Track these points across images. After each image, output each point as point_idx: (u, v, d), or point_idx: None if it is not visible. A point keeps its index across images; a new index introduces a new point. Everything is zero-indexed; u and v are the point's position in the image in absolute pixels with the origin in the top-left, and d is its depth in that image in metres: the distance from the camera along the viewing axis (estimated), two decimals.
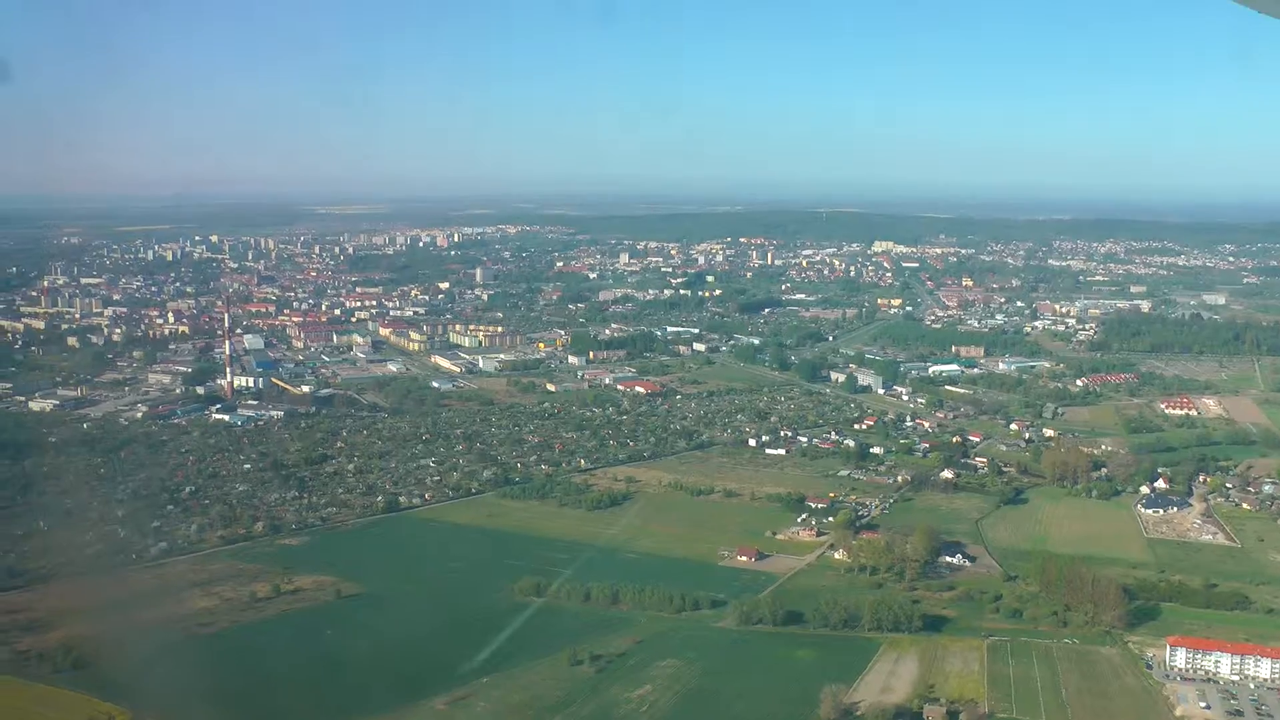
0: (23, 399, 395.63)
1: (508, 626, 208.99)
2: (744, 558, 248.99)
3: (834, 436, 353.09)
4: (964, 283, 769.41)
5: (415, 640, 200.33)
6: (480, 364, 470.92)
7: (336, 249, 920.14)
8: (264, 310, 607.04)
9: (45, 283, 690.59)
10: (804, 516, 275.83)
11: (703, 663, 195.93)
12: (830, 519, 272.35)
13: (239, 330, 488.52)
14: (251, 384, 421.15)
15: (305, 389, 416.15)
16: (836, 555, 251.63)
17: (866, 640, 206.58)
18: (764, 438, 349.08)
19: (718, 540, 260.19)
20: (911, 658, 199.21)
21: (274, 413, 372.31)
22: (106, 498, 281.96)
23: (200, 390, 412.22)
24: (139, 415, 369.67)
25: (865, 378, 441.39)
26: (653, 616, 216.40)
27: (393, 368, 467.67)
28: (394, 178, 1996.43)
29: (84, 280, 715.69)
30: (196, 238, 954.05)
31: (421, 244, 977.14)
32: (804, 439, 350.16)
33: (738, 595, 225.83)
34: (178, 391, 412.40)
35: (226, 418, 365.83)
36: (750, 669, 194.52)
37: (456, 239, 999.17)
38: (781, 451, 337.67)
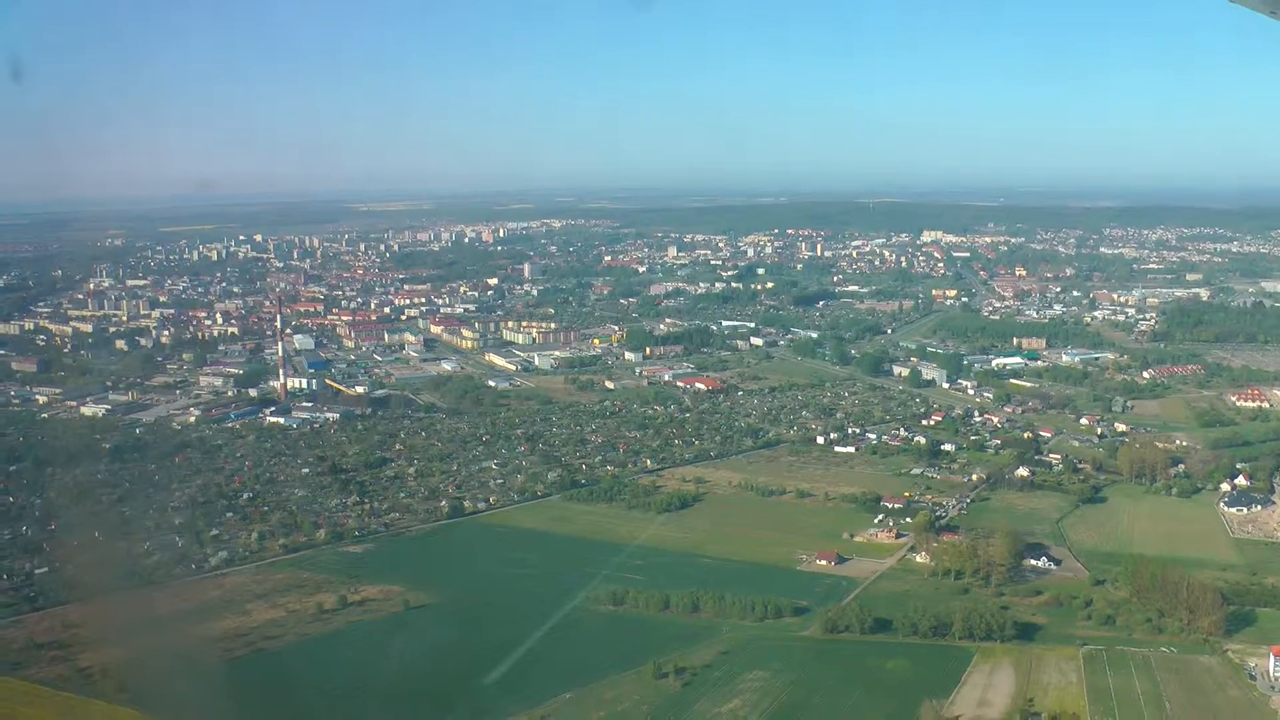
0: (74, 404, 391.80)
1: (586, 638, 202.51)
2: (823, 561, 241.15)
3: (903, 433, 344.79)
4: (1017, 272, 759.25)
5: (490, 653, 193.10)
6: (536, 361, 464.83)
7: (382, 246, 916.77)
8: (312, 310, 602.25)
9: (91, 285, 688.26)
10: (881, 517, 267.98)
11: (791, 674, 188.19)
12: (908, 520, 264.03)
13: (288, 330, 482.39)
14: (304, 385, 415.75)
15: (359, 390, 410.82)
16: (918, 558, 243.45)
17: (958, 649, 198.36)
18: (832, 435, 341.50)
19: (794, 543, 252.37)
20: (1006, 668, 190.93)
21: (329, 415, 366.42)
22: (163, 505, 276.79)
23: (253, 392, 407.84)
24: (192, 419, 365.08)
25: (929, 371, 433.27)
26: (735, 625, 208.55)
27: (447, 366, 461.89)
28: (432, 174, 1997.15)
29: (130, 282, 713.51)
30: (240, 238, 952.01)
31: (466, 240, 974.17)
32: (872, 436, 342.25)
33: (821, 601, 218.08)
34: (230, 394, 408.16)
35: (281, 420, 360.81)
36: (841, 681, 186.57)
37: (501, 234, 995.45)
38: (851, 449, 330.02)
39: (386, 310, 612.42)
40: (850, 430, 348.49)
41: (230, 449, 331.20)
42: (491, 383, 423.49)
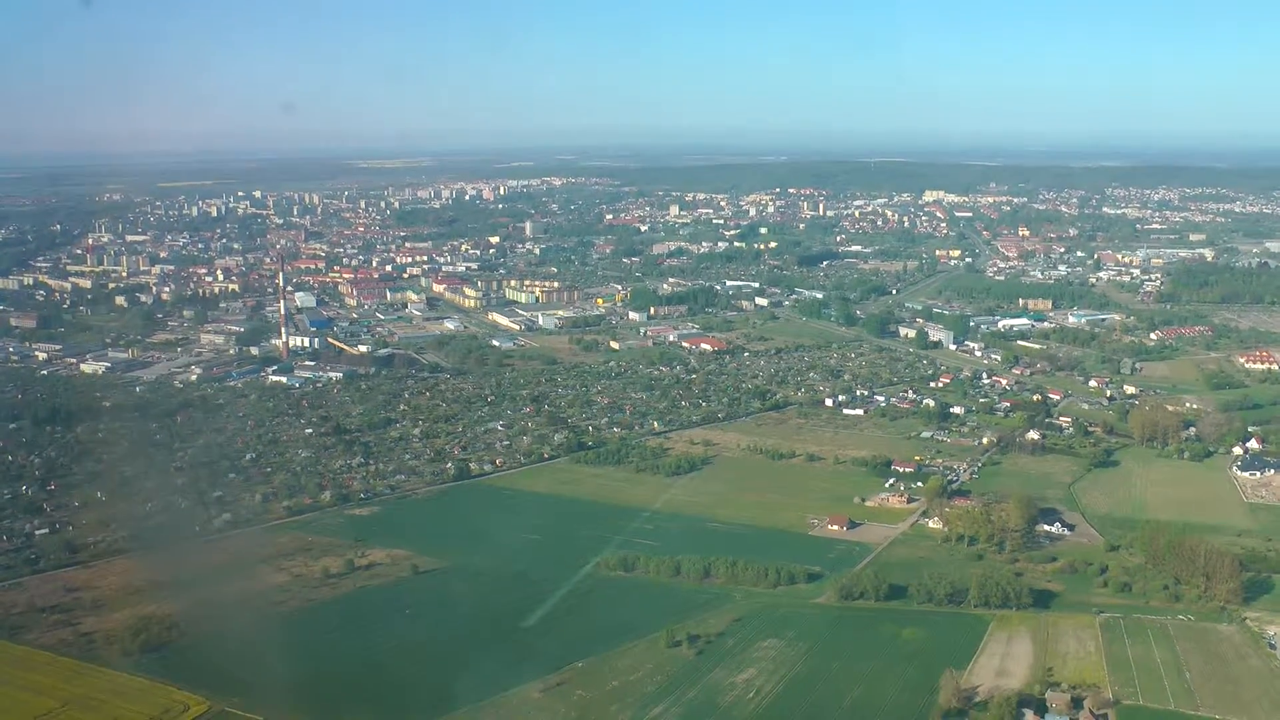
0: (73, 361, 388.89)
1: (598, 604, 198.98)
2: (835, 526, 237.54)
3: (911, 396, 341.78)
4: (1020, 232, 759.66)
5: (501, 620, 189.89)
6: (540, 321, 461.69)
7: (382, 203, 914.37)
8: (314, 266, 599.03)
9: (90, 241, 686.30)
10: (892, 481, 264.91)
11: (806, 643, 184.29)
12: (919, 484, 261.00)
13: (289, 288, 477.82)
14: (307, 344, 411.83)
15: (362, 349, 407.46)
16: (930, 524, 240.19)
17: (974, 617, 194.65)
18: (840, 397, 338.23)
19: (805, 507, 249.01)
20: (1023, 636, 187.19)
21: (332, 374, 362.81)
22: (165, 466, 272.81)
23: (254, 351, 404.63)
24: (193, 378, 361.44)
25: (935, 333, 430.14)
26: (748, 592, 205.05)
27: (450, 325, 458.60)
28: (430, 132, 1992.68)
29: (129, 238, 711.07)
30: (240, 194, 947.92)
31: (467, 197, 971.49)
32: (880, 398, 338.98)
33: (833, 568, 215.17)
34: (231, 352, 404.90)
35: (284, 379, 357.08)
36: (857, 649, 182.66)
37: (502, 192, 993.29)
38: (859, 412, 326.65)
39: (388, 268, 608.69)
40: (858, 392, 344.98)
41: (232, 408, 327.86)
42: (495, 342, 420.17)
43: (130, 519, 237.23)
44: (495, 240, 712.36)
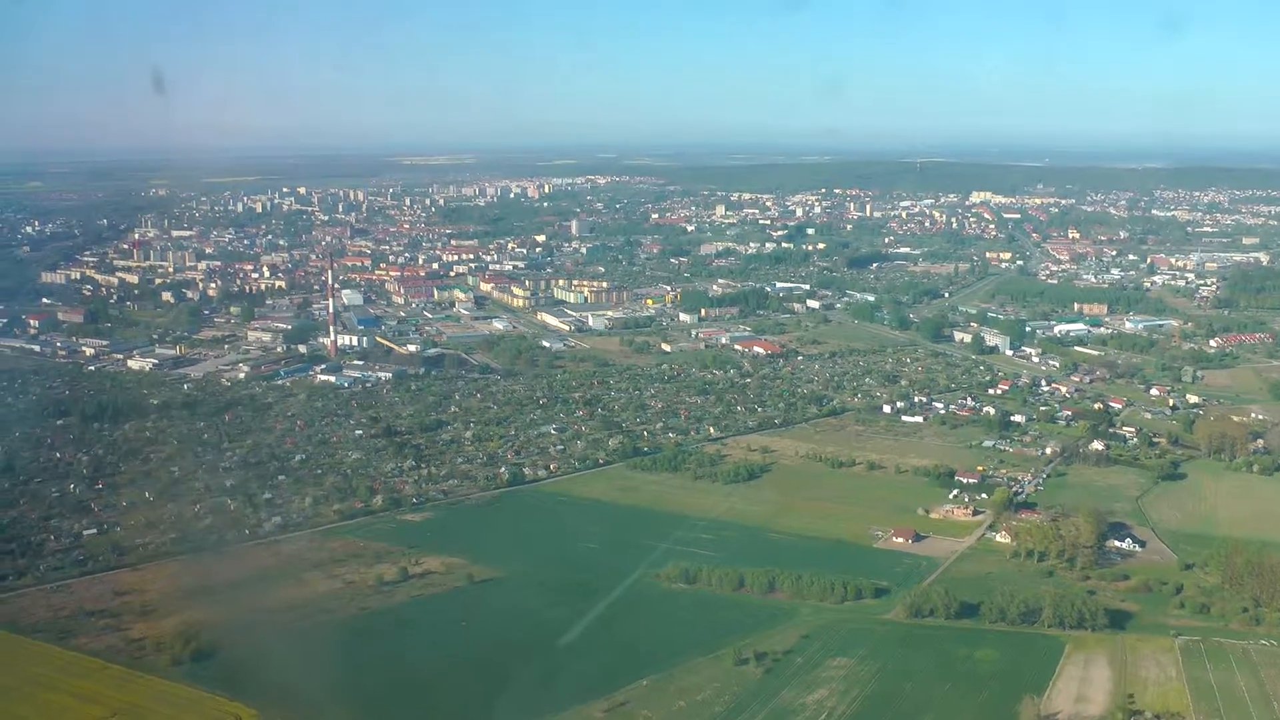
0: (120, 357, 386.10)
1: (660, 618, 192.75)
2: (900, 539, 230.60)
3: (970, 403, 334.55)
4: (1070, 235, 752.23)
5: (560, 634, 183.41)
6: (589, 321, 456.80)
7: (427, 200, 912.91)
8: (360, 264, 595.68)
9: (136, 236, 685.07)
10: (955, 493, 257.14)
11: (877, 662, 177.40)
12: (984, 496, 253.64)
13: (335, 285, 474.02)
14: (355, 343, 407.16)
15: (411, 348, 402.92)
16: (997, 538, 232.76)
17: (1048, 638, 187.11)
18: (898, 404, 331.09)
19: (868, 518, 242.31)
20: (1101, 660, 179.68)
21: (381, 374, 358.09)
22: (214, 466, 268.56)
23: (302, 349, 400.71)
24: (241, 375, 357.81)
25: (991, 338, 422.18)
26: (814, 607, 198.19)
27: (499, 325, 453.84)
28: (471, 129, 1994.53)
29: (175, 233, 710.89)
30: (284, 189, 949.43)
31: (512, 195, 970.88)
32: (939, 405, 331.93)
33: (901, 582, 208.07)
34: (279, 350, 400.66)
35: (332, 379, 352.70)
36: (930, 671, 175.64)
37: (547, 190, 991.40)
38: (919, 419, 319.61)
39: (435, 266, 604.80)
40: (917, 399, 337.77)
41: (281, 408, 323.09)
42: (545, 343, 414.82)
43: (179, 520, 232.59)
44: (541, 239, 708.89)
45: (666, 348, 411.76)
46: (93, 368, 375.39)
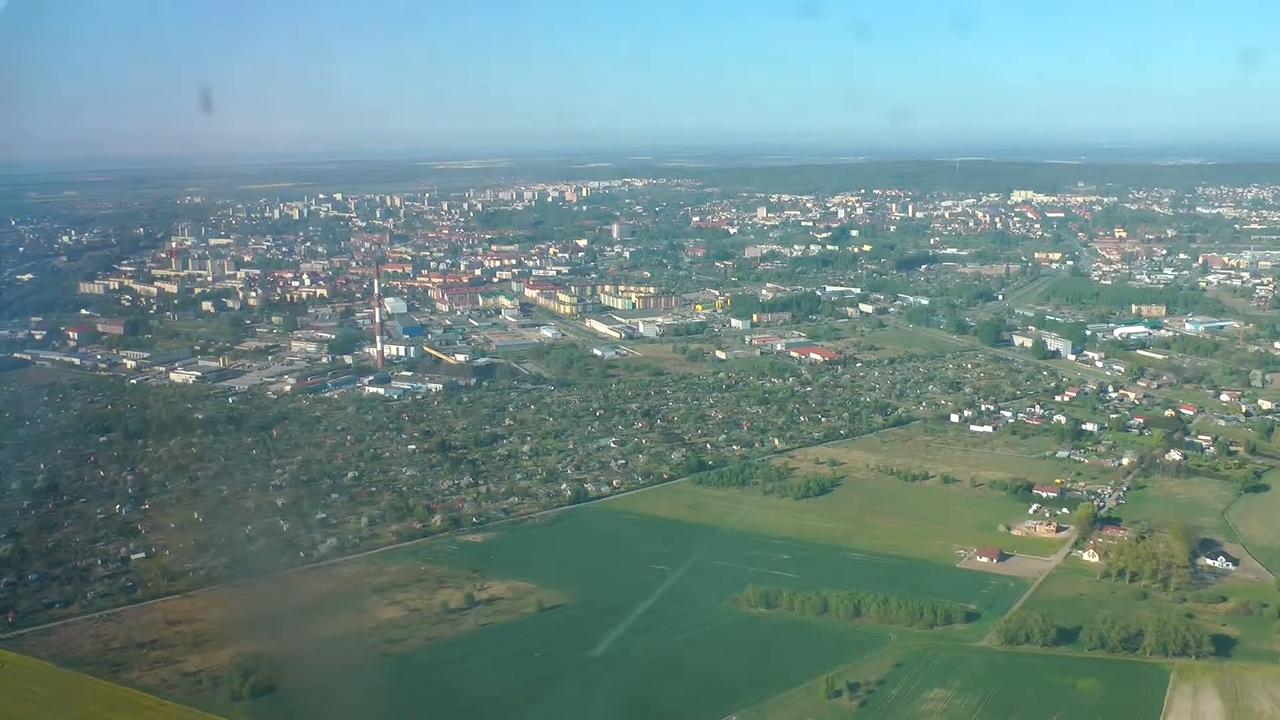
0: (162, 369, 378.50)
1: (744, 646, 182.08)
2: (984, 558, 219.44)
3: (1039, 411, 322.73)
4: (1117, 234, 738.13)
5: (640, 664, 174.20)
6: (640, 328, 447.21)
7: (464, 205, 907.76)
8: (401, 271, 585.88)
9: (174, 244, 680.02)
10: (1036, 508, 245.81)
11: (976, 694, 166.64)
12: (1065, 510, 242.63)
13: (379, 293, 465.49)
14: (401, 352, 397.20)
15: (460, 358, 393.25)
16: (1084, 556, 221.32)
17: (1151, 667, 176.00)
18: (965, 413, 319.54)
19: (948, 535, 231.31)
20: (1210, 690, 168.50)
21: (431, 385, 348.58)
22: (263, 484, 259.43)
23: (348, 359, 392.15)
24: (287, 388, 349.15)
25: (1052, 342, 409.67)
26: (903, 633, 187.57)
27: (547, 333, 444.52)
28: (502, 132, 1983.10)
29: (212, 241, 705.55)
30: (320, 196, 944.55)
31: (549, 199, 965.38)
32: (1008, 414, 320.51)
33: (989, 605, 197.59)
34: (324, 361, 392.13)
35: (380, 391, 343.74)
36: (1034, 703, 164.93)
37: (584, 193, 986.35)
38: (988, 429, 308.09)
39: (477, 272, 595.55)
40: (984, 407, 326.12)
41: (329, 421, 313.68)
42: (597, 351, 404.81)
43: (230, 543, 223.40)
44: (583, 243, 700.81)
45: (721, 355, 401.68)
46: (135, 381, 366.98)
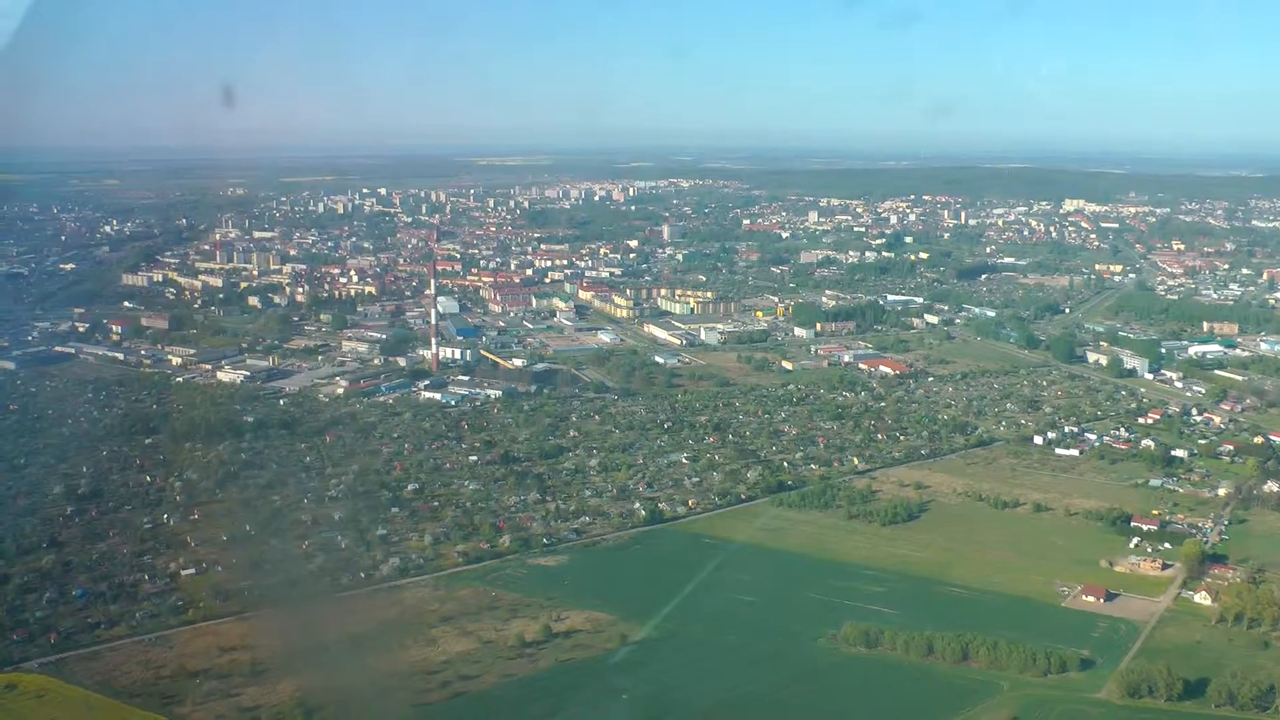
0: (209, 367, 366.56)
1: (846, 690, 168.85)
2: (1090, 597, 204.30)
3: (1124, 434, 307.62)
4: (1174, 246, 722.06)
5: (737, 709, 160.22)
6: (702, 335, 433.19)
7: (511, 203, 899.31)
8: (450, 269, 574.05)
9: (217, 236, 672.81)
10: (1137, 541, 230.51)
11: None
12: (1167, 545, 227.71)
13: (427, 291, 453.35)
14: (456, 355, 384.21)
15: (517, 362, 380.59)
16: (1195, 598, 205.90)
17: None
18: (1049, 434, 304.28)
19: (1048, 570, 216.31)
20: None
21: (490, 391, 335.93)
22: (319, 494, 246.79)
23: (401, 362, 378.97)
24: (339, 391, 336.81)
25: (1128, 360, 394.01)
26: (1015, 680, 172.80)
27: (605, 338, 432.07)
28: (541, 129, 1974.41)
29: (256, 234, 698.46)
30: (364, 190, 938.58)
31: (597, 198, 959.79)
32: (1092, 436, 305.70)
33: (1102, 651, 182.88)
34: (376, 362, 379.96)
35: (437, 396, 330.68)
36: None
37: (632, 193, 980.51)
38: (1074, 452, 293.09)
39: (529, 272, 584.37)
40: (1067, 429, 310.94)
41: (385, 428, 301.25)
42: (659, 359, 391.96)
43: (286, 560, 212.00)
44: (634, 244, 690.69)
45: (788, 365, 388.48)
46: (181, 379, 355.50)
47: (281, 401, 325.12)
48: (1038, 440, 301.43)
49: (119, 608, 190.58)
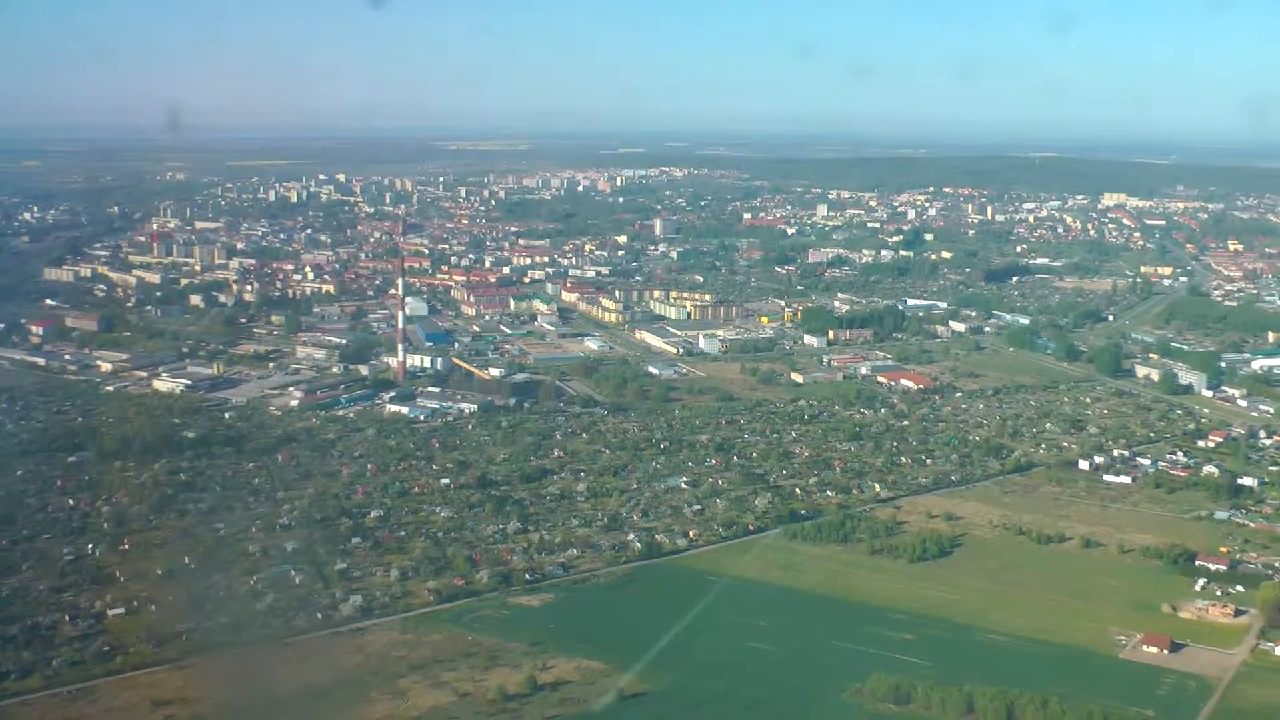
0: (144, 375, 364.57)
1: None
2: (1152, 648, 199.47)
3: (1181, 458, 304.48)
4: (1231, 246, 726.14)
5: None
6: (700, 343, 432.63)
7: (485, 192, 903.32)
8: (418, 266, 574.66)
9: (154, 226, 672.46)
10: (1203, 584, 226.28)
11: None
12: (1239, 588, 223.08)
13: (392, 291, 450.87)
14: (425, 364, 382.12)
15: (494, 372, 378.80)
16: (1277, 650, 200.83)
17: None
18: (1096, 459, 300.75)
19: (1102, 616, 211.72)
20: None
21: (464, 405, 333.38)
22: (269, 522, 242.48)
23: (363, 370, 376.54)
24: (293, 403, 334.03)
25: (1183, 375, 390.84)
26: None
27: (592, 345, 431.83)
28: (520, 112, 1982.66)
29: (199, 224, 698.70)
30: (321, 176, 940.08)
31: (580, 188, 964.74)
32: (1145, 461, 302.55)
33: (1169, 712, 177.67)
34: (334, 370, 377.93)
35: (404, 410, 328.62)
36: None
37: (619, 183, 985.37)
38: (1125, 479, 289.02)
39: (505, 270, 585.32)
40: (1116, 453, 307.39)
41: (345, 445, 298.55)
42: (653, 369, 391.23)
43: (231, 598, 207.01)
44: (623, 240, 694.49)
45: (798, 378, 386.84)
46: (111, 388, 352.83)
47: (227, 415, 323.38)
48: (1083, 465, 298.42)
49: (33, 654, 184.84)
